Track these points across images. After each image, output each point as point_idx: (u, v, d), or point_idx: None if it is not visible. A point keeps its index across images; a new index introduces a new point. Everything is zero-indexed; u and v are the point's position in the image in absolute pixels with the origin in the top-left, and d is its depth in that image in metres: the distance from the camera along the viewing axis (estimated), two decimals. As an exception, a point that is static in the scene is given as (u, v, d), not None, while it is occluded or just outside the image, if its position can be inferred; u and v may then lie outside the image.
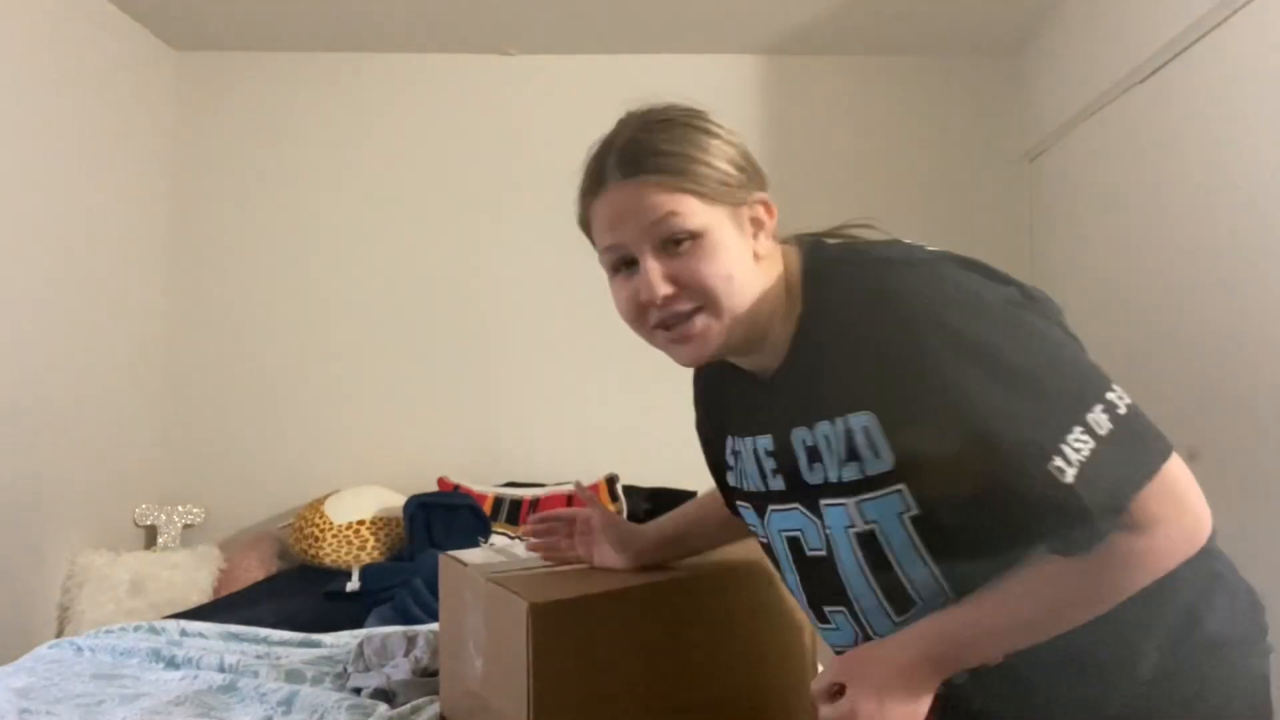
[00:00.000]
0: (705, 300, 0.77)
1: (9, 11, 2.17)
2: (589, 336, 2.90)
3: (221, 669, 1.37)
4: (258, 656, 1.44)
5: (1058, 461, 0.64)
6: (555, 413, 2.89)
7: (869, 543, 0.76)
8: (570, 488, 2.65)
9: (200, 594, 2.42)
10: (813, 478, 0.79)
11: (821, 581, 0.83)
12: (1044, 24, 2.74)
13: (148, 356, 2.78)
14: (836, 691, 0.74)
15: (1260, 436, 1.75)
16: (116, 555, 2.43)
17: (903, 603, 0.77)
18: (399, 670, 1.30)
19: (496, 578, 0.97)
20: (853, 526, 0.76)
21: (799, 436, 0.80)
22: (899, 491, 0.72)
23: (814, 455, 0.79)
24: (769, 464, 0.85)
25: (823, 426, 0.77)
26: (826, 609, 0.84)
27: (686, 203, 0.76)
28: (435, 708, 1.14)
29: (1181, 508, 0.68)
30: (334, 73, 2.95)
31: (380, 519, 2.54)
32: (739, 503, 0.93)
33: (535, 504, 2.59)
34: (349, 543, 2.46)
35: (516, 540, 1.11)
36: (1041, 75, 2.79)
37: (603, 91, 2.97)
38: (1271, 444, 1.72)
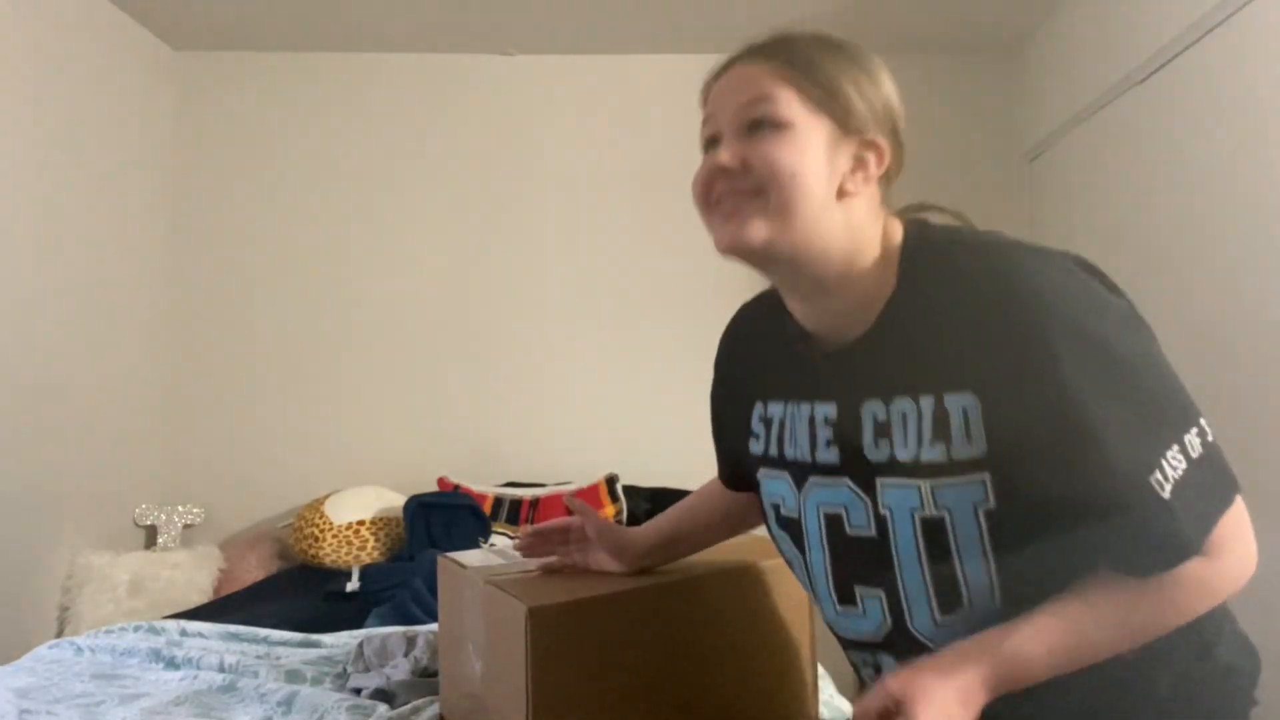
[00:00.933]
0: (765, 186, 0.74)
1: (9, 12, 2.17)
2: (590, 336, 2.90)
3: (221, 669, 1.37)
4: (258, 656, 1.44)
5: (1158, 475, 0.64)
6: (555, 413, 2.90)
7: (934, 530, 0.72)
8: (570, 488, 2.65)
9: (200, 594, 2.42)
10: (876, 454, 0.76)
11: (860, 563, 0.79)
12: (1044, 24, 2.74)
13: (148, 356, 2.78)
14: (891, 711, 0.66)
15: (1260, 436, 1.75)
16: (116, 555, 2.43)
17: (951, 599, 0.74)
18: (399, 670, 1.31)
19: (495, 580, 0.97)
20: (920, 510, 0.73)
21: (870, 409, 0.76)
22: (982, 482, 0.69)
23: (882, 431, 0.75)
24: (825, 433, 0.81)
25: (902, 403, 0.74)
26: (859, 589, 0.80)
27: (786, 93, 0.75)
28: (435, 708, 1.14)
29: (1246, 540, 0.69)
30: (334, 73, 2.95)
31: (380, 519, 2.54)
32: (766, 470, 0.90)
33: (535, 504, 2.59)
34: (349, 543, 2.46)
35: (517, 541, 1.10)
36: (1041, 75, 2.79)
37: (603, 91, 2.98)
38: (1272, 444, 1.72)
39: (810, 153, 0.74)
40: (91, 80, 2.50)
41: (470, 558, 1.09)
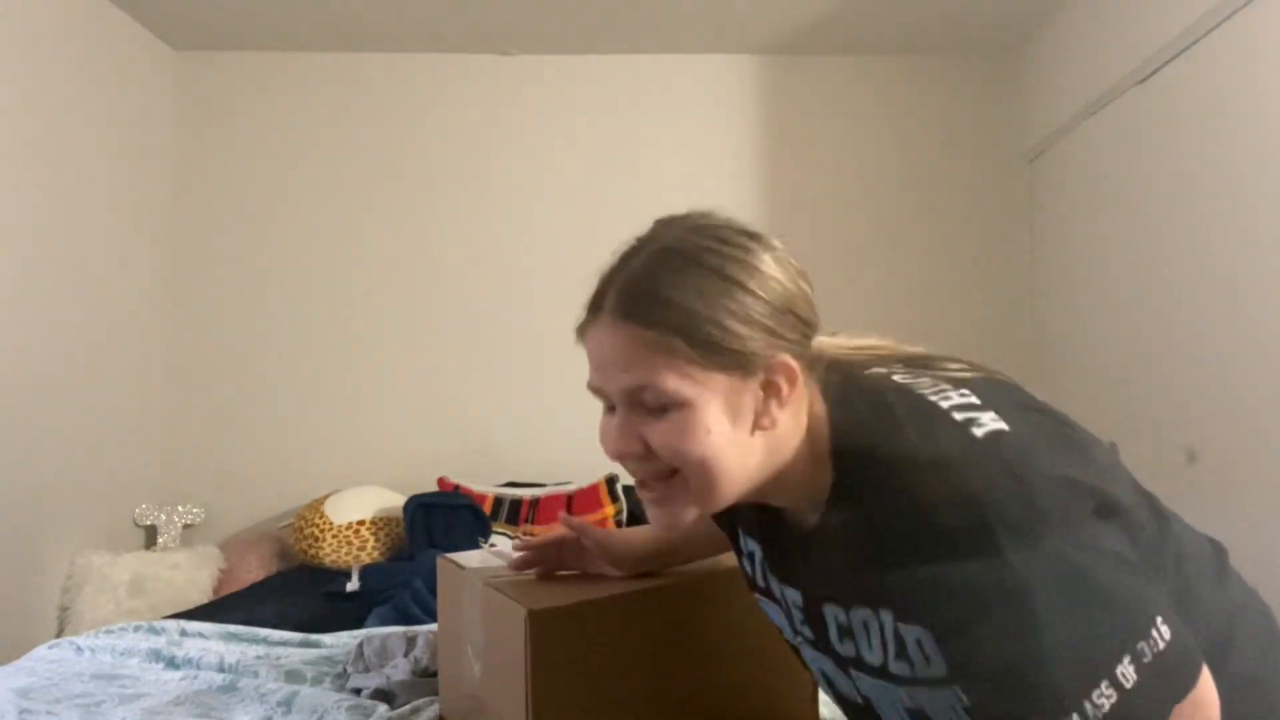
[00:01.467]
0: (681, 467, 0.70)
1: (9, 12, 2.17)
2: (589, 336, 2.90)
3: (221, 669, 1.37)
4: (258, 656, 1.44)
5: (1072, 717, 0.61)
6: (555, 413, 2.90)
7: (919, 715, 0.71)
8: (570, 488, 2.65)
9: (200, 594, 2.42)
10: (844, 650, 0.74)
11: (856, 715, 0.80)
12: (1044, 24, 2.74)
13: (148, 356, 2.79)
14: None
15: (1260, 436, 1.75)
16: (116, 555, 2.43)
17: None
18: (399, 671, 1.31)
19: (494, 583, 0.97)
20: (900, 703, 0.71)
21: (831, 612, 0.74)
22: (953, 690, 0.67)
23: (845, 633, 0.73)
24: (797, 615, 0.80)
25: (860, 612, 0.71)
26: None
27: (670, 374, 0.68)
28: (435, 708, 1.14)
29: (1198, 703, 0.65)
30: (334, 73, 2.95)
31: (380, 519, 2.54)
32: (759, 597, 0.88)
33: (535, 504, 2.59)
34: (349, 543, 2.46)
35: (516, 541, 1.10)
36: (1041, 75, 2.79)
37: (603, 91, 2.98)
38: (1272, 444, 1.72)
39: (714, 425, 0.69)
40: (91, 80, 2.50)
41: (470, 558, 1.09)
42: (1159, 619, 0.64)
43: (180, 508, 2.75)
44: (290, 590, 2.24)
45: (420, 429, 2.88)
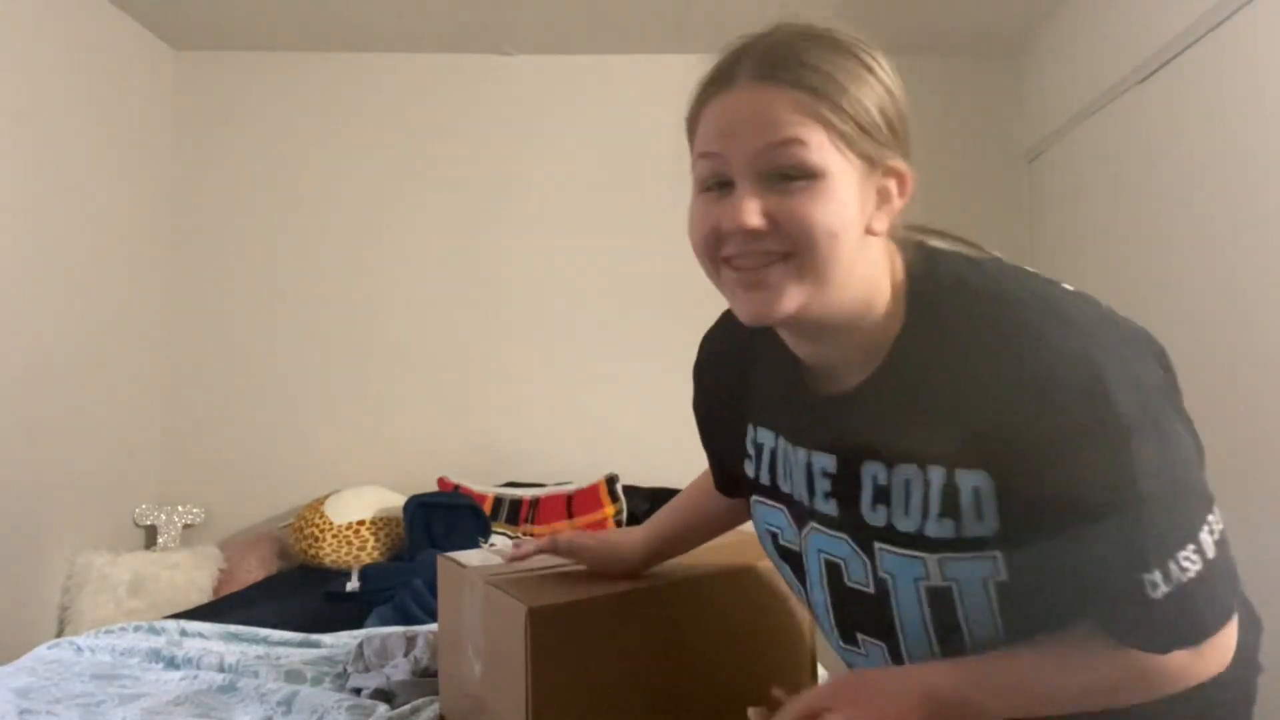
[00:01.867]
0: (798, 249, 0.64)
1: (9, 12, 2.17)
2: (590, 336, 2.90)
3: (221, 669, 1.37)
4: (258, 656, 1.44)
5: (1154, 575, 0.61)
6: (555, 413, 2.89)
7: (940, 597, 0.68)
8: (570, 488, 2.65)
9: (200, 594, 2.42)
10: (874, 519, 0.71)
11: (862, 614, 0.75)
12: (1044, 24, 2.74)
13: (148, 356, 2.78)
14: (817, 714, 0.67)
15: (1261, 437, 1.75)
16: (116, 555, 2.43)
17: (957, 654, 0.71)
18: (399, 670, 1.31)
19: (495, 580, 0.97)
20: (925, 580, 0.68)
21: (871, 471, 0.71)
22: (993, 558, 0.65)
23: (882, 496, 0.70)
24: (823, 484, 0.75)
25: (905, 469, 0.68)
26: (860, 636, 0.78)
27: (816, 133, 0.63)
28: (435, 708, 1.14)
29: (1232, 633, 0.67)
30: (334, 73, 2.95)
31: (380, 519, 2.54)
32: (760, 498, 0.85)
33: (535, 504, 2.59)
34: (349, 543, 2.46)
35: (516, 541, 1.10)
36: (1041, 75, 2.79)
37: (603, 91, 2.98)
38: (1272, 444, 1.72)
39: (848, 205, 0.64)
40: (91, 80, 2.50)
41: (470, 558, 1.09)
42: (1214, 505, 0.64)
43: (180, 508, 2.75)
44: (290, 590, 2.24)
45: (420, 429, 2.88)
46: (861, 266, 0.68)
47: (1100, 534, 0.61)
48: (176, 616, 1.82)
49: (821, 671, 1.26)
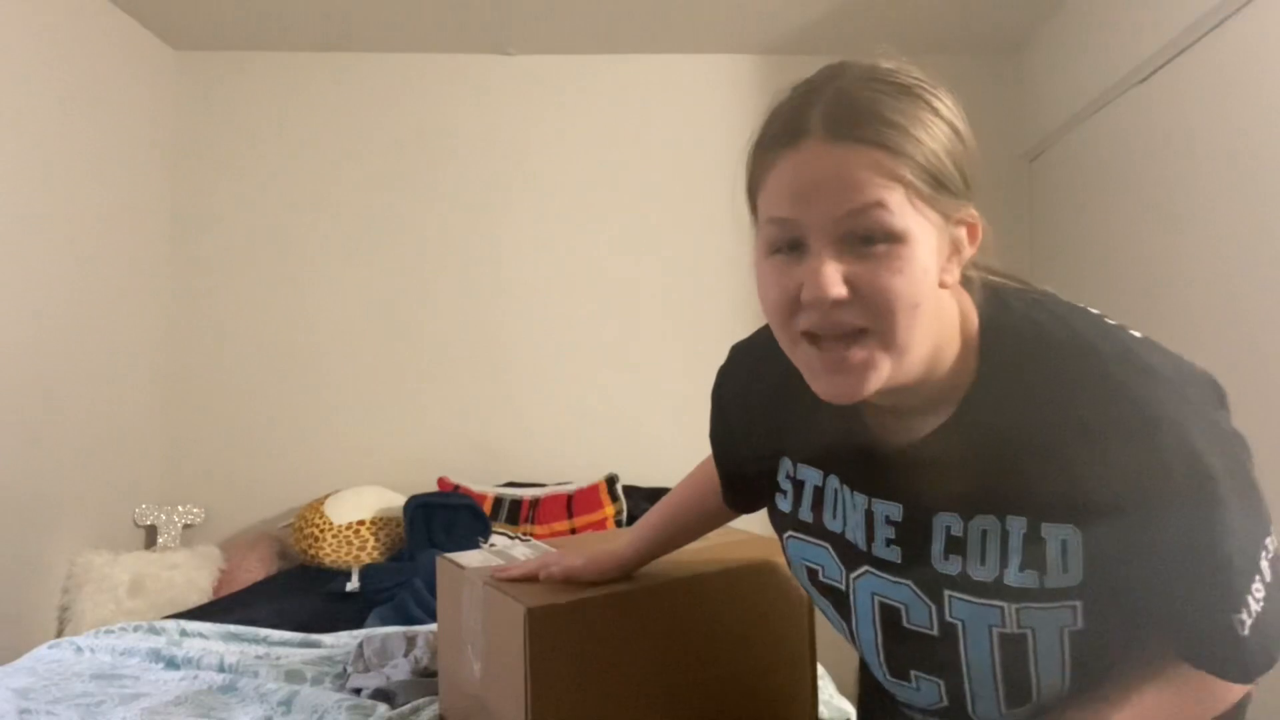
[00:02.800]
0: (879, 323, 0.61)
1: (8, 12, 2.17)
2: (590, 336, 2.90)
3: (221, 669, 1.38)
4: (258, 656, 1.44)
5: (1242, 615, 0.62)
6: (555, 413, 2.90)
7: (1013, 642, 0.68)
8: (570, 488, 2.65)
9: (200, 594, 2.42)
10: (946, 568, 0.69)
11: (919, 653, 0.74)
12: (1044, 24, 2.74)
13: (148, 356, 2.78)
14: None
15: (1261, 437, 1.74)
16: (116, 555, 2.43)
17: (1021, 698, 0.71)
18: (399, 670, 1.31)
19: (494, 581, 0.97)
20: (1001, 627, 0.67)
21: (943, 522, 0.69)
22: (1073, 607, 0.65)
23: (956, 546, 0.69)
24: (885, 532, 0.73)
25: (983, 520, 0.67)
26: (915, 672, 0.76)
27: (898, 196, 0.60)
28: (435, 708, 1.14)
29: None
30: (334, 73, 2.95)
31: (380, 519, 2.54)
32: (797, 534, 0.83)
33: (535, 504, 2.59)
34: (349, 543, 2.46)
35: (515, 541, 1.10)
36: (1041, 75, 2.79)
37: (603, 91, 2.98)
38: (1272, 444, 1.72)
39: (929, 271, 0.62)
40: (91, 80, 2.50)
41: (470, 558, 1.09)
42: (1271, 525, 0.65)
43: (180, 508, 2.75)
44: (290, 590, 2.24)
45: (420, 429, 2.88)
46: (938, 325, 0.66)
47: (1191, 583, 0.63)
48: (176, 616, 1.82)
49: (821, 671, 1.26)
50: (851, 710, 1.20)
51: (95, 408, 2.51)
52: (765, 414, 0.85)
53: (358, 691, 1.28)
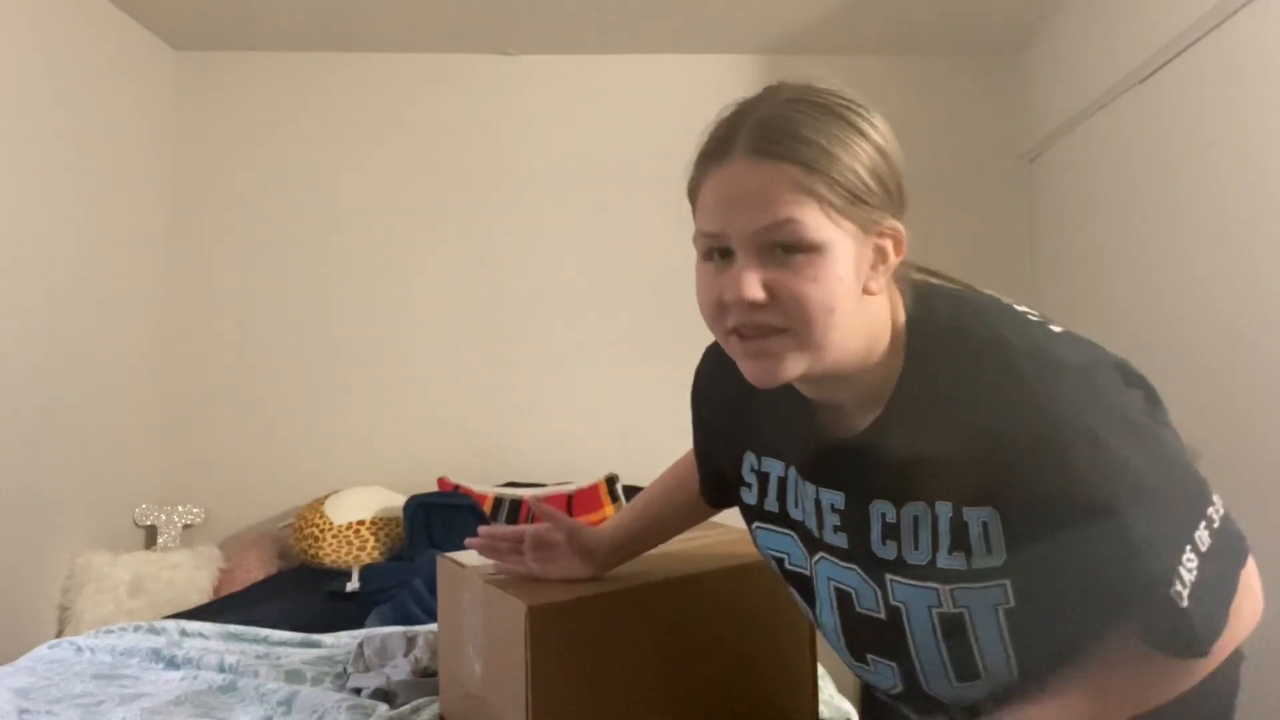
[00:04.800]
0: (795, 325, 0.67)
1: (8, 11, 2.17)
2: (590, 336, 2.90)
3: (221, 669, 1.37)
4: (258, 656, 1.44)
5: (1177, 585, 0.64)
6: (555, 413, 2.90)
7: (952, 623, 0.73)
8: (570, 488, 2.65)
9: (200, 594, 2.42)
10: (884, 552, 0.75)
11: (872, 636, 0.80)
12: (1044, 24, 2.74)
13: (148, 356, 2.78)
14: None
15: (1261, 436, 1.75)
16: (116, 555, 2.43)
17: (968, 674, 0.76)
18: (399, 670, 1.31)
19: (494, 580, 0.97)
20: (938, 607, 0.73)
21: (879, 509, 0.75)
22: (1002, 586, 0.70)
23: (890, 532, 0.74)
24: (832, 519, 0.79)
25: (913, 507, 0.72)
26: (870, 656, 0.82)
27: (813, 211, 0.65)
28: (435, 708, 1.14)
29: (1254, 599, 0.71)
30: (334, 73, 2.95)
31: (380, 519, 2.54)
32: (764, 524, 0.88)
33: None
34: (349, 543, 2.46)
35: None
36: (1041, 75, 2.79)
37: (603, 91, 2.98)
38: (1272, 444, 1.72)
39: (843, 279, 0.67)
40: (91, 80, 2.50)
41: (470, 558, 1.09)
42: (1213, 495, 0.69)
43: (180, 508, 2.75)
44: (290, 590, 2.24)
45: (420, 429, 2.88)
46: (859, 324, 0.70)
47: (1112, 563, 0.65)
48: (176, 616, 1.82)
49: (821, 671, 1.26)
50: (851, 710, 1.20)
51: (95, 408, 2.51)
52: (732, 410, 0.91)
53: (358, 691, 1.28)
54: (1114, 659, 0.70)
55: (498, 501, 2.60)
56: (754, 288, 0.66)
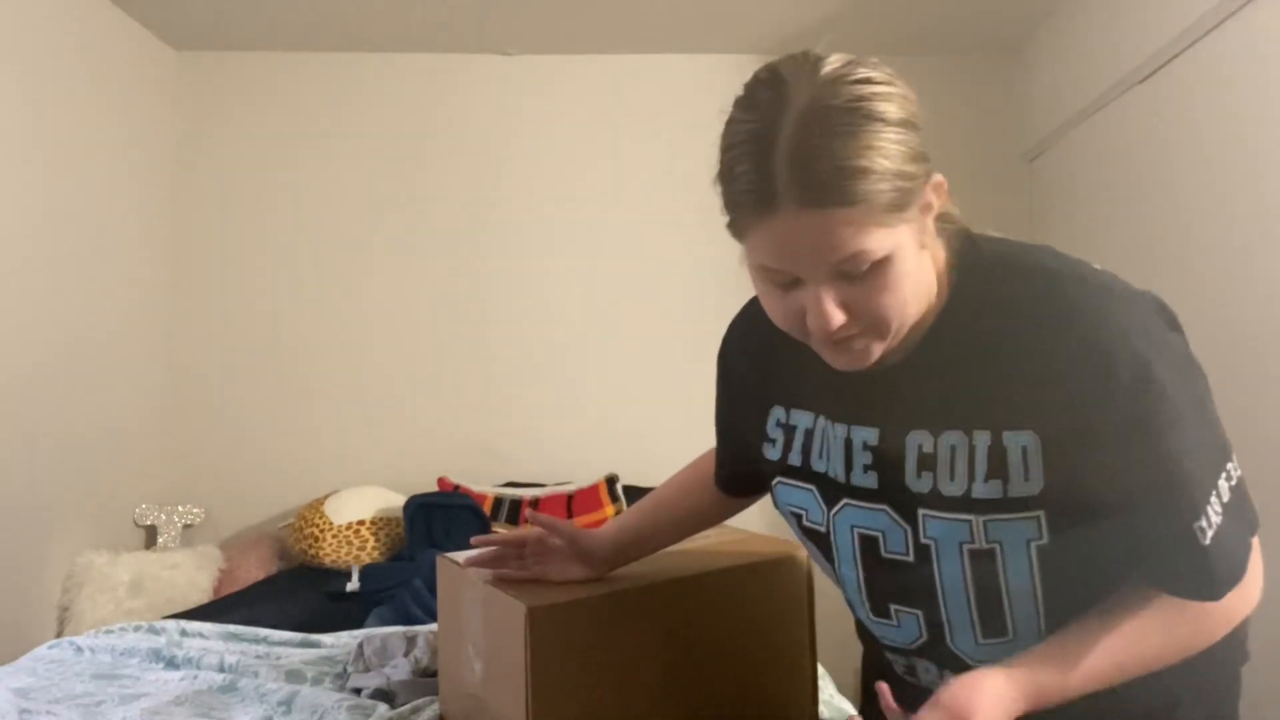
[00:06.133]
0: (877, 328, 0.68)
1: (9, 11, 2.17)
2: (590, 336, 2.90)
3: (221, 669, 1.37)
4: (258, 656, 1.44)
5: (1202, 523, 0.66)
6: (555, 413, 2.90)
7: (983, 561, 0.72)
8: (570, 488, 2.65)
9: (200, 594, 2.42)
10: (918, 486, 0.74)
11: (898, 584, 0.79)
12: (1044, 24, 2.74)
13: (148, 356, 2.78)
14: None
15: (1260, 436, 1.75)
16: (116, 555, 2.42)
17: (996, 627, 0.75)
18: (399, 670, 1.31)
19: (494, 580, 0.97)
20: (970, 543, 0.72)
21: (915, 440, 0.74)
22: (1036, 518, 0.69)
23: (927, 463, 0.73)
24: (863, 458, 0.79)
25: (951, 436, 0.72)
26: (894, 606, 0.81)
27: (874, 233, 0.64)
28: (435, 708, 1.14)
29: (1258, 567, 0.72)
30: (334, 73, 2.95)
31: (380, 519, 2.54)
32: (786, 479, 0.88)
33: (535, 504, 2.59)
34: (349, 543, 2.46)
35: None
36: (1041, 75, 2.79)
37: (603, 91, 2.98)
38: (1272, 444, 1.72)
39: (910, 272, 0.68)
40: (91, 80, 2.50)
41: (470, 557, 1.09)
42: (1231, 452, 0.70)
43: (180, 508, 2.75)
44: (290, 590, 2.24)
45: (420, 429, 2.88)
46: (924, 285, 0.72)
47: (1147, 488, 0.66)
48: (176, 616, 1.82)
49: (821, 671, 1.26)
50: (852, 710, 1.20)
51: (95, 408, 2.51)
52: (762, 362, 0.91)
53: (358, 691, 1.28)
54: (1137, 611, 0.70)
55: (498, 501, 2.60)
56: (836, 317, 0.66)
